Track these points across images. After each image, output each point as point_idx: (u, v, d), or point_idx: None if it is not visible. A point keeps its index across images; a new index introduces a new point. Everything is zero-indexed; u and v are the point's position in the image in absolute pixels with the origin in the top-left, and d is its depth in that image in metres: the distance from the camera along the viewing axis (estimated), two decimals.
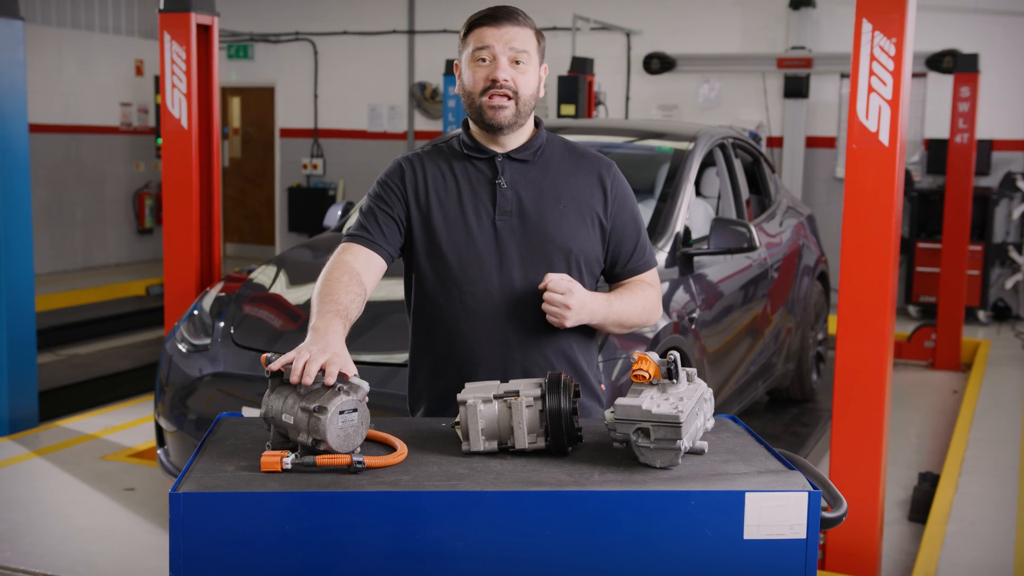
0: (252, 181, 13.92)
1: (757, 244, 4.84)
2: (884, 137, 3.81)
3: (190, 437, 4.33)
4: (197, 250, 5.63)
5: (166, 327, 5.54)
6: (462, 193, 2.51)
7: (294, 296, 4.69)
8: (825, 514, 1.96)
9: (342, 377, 2.03)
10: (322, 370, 2.01)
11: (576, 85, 8.81)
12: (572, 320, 2.39)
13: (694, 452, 2.08)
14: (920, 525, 4.86)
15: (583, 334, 2.57)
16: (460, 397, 2.10)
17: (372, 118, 12.94)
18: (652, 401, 2.00)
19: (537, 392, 2.08)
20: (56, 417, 6.32)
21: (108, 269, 12.44)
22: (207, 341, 4.53)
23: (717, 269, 5.16)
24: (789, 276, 6.18)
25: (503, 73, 2.42)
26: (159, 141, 12.34)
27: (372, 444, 2.12)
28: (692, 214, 5.22)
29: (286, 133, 13.47)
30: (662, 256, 4.71)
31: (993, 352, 8.42)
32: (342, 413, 1.96)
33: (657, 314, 2.62)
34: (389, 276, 2.56)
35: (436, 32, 12.30)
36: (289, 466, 1.94)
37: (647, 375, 2.07)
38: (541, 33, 2.52)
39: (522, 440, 2.06)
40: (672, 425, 1.95)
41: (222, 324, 4.56)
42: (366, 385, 2.04)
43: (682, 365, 2.11)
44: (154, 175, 12.99)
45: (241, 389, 4.30)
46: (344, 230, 3.86)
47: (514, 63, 2.44)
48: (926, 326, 8.30)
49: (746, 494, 1.87)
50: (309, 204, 12.95)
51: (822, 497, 1.94)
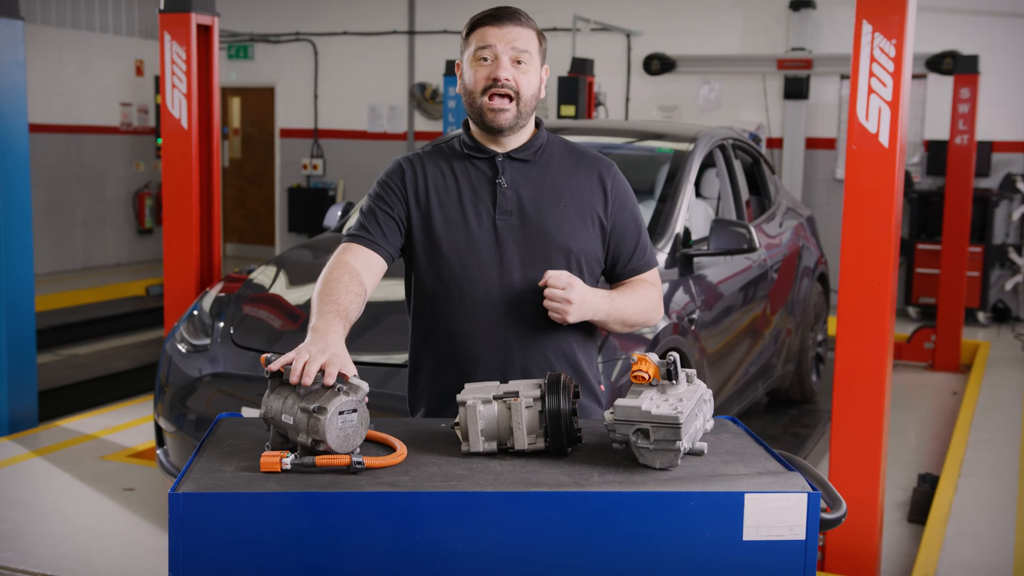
0: (252, 181, 13.91)
1: (757, 245, 4.84)
2: (884, 138, 3.81)
3: (189, 437, 4.33)
4: (197, 250, 5.63)
5: (166, 327, 5.54)
6: (462, 193, 2.51)
7: (294, 296, 4.69)
8: (824, 515, 1.96)
9: (342, 378, 2.03)
10: (322, 371, 2.01)
11: (576, 86, 8.81)
12: (575, 315, 2.38)
13: (694, 453, 2.08)
14: (919, 526, 4.86)
15: (583, 334, 2.57)
16: (459, 398, 2.10)
17: (372, 118, 12.94)
18: (652, 402, 2.00)
19: (536, 393, 2.08)
20: (56, 417, 6.32)
21: (108, 269, 12.44)
22: (207, 341, 4.53)
23: (717, 270, 5.16)
24: (789, 277, 6.18)
25: (505, 72, 2.43)
26: (159, 141, 12.34)
27: (371, 445, 2.12)
28: (692, 215, 5.22)
29: (286, 133, 13.48)
30: (662, 257, 4.71)
31: (993, 353, 8.42)
32: (341, 414, 1.96)
33: (659, 313, 2.61)
34: (389, 276, 2.56)
35: (436, 33, 12.30)
36: (288, 466, 1.94)
37: (647, 376, 2.07)
38: (543, 34, 2.53)
39: (521, 441, 2.06)
40: (672, 426, 1.95)
41: (222, 324, 4.57)
42: (366, 386, 2.04)
43: (682, 366, 2.11)
44: (154, 175, 12.99)
45: (241, 389, 4.30)
46: (344, 230, 3.86)
47: (516, 63, 2.44)
48: (926, 327, 8.30)
49: (745, 495, 1.87)
50: (309, 204, 12.95)
51: (821, 498, 1.94)
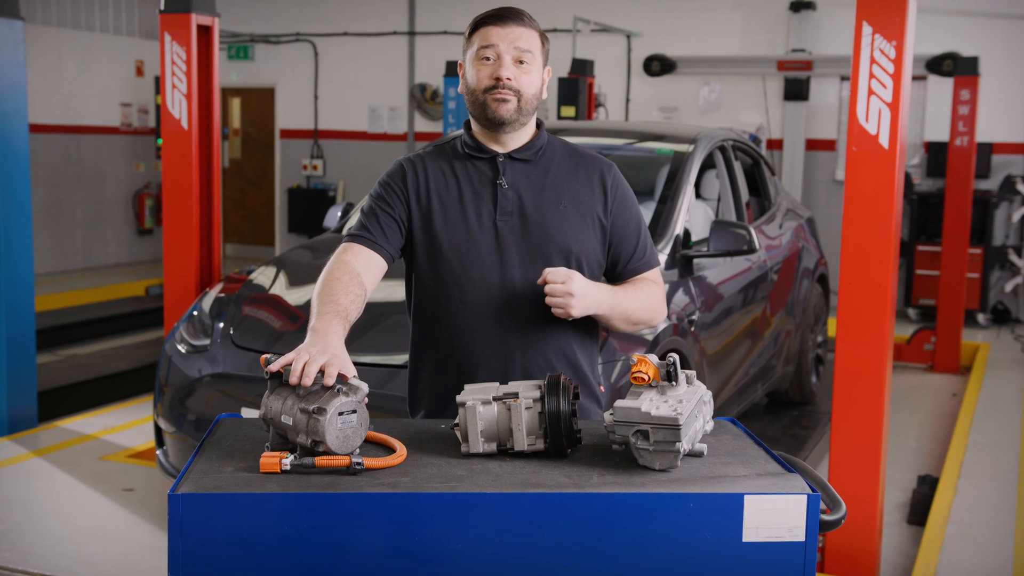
0: (252, 182, 13.91)
1: (757, 246, 4.85)
2: (884, 140, 3.81)
3: (189, 438, 4.33)
4: (197, 251, 5.63)
5: (165, 328, 5.54)
6: (463, 193, 2.51)
7: (294, 297, 4.69)
8: (824, 517, 1.96)
9: (341, 378, 2.03)
10: (321, 371, 2.01)
11: (576, 87, 8.82)
12: (578, 308, 2.36)
13: (693, 454, 2.08)
14: (919, 528, 4.86)
15: (584, 335, 2.57)
16: (459, 399, 2.10)
17: (372, 119, 12.94)
18: (651, 403, 2.00)
19: (536, 394, 2.08)
20: (55, 417, 6.32)
21: (108, 269, 12.43)
22: (206, 342, 4.53)
23: (717, 271, 5.16)
24: (789, 278, 6.18)
25: (507, 72, 2.43)
26: (159, 141, 12.34)
27: (371, 445, 2.12)
28: (692, 216, 5.22)
29: (286, 134, 13.48)
30: (662, 258, 4.71)
31: (992, 355, 8.41)
32: (341, 414, 1.96)
33: (662, 312, 2.60)
34: (389, 277, 2.56)
35: (436, 33, 12.29)
36: (288, 467, 1.93)
37: (646, 377, 2.07)
38: (545, 36, 2.54)
39: (521, 442, 2.06)
40: (671, 427, 1.95)
41: (221, 325, 4.57)
42: (365, 386, 2.04)
43: (681, 367, 2.10)
44: (154, 175, 12.99)
45: (240, 390, 4.30)
46: (345, 230, 3.86)
47: (518, 63, 2.45)
48: (926, 329, 8.30)
49: (745, 496, 1.87)
50: (309, 205, 12.95)
51: (821, 500, 1.94)
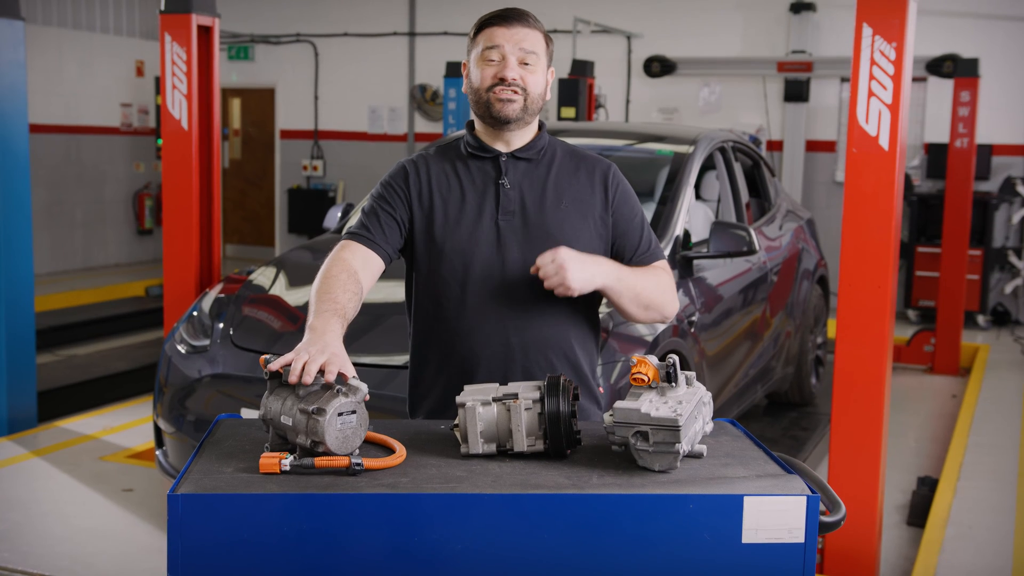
0: (252, 182, 13.91)
1: (756, 248, 4.85)
2: (884, 141, 3.81)
3: (189, 438, 4.32)
4: (197, 251, 5.63)
5: (165, 328, 5.54)
6: (465, 193, 2.51)
7: (293, 298, 4.69)
8: (824, 518, 1.96)
9: (341, 378, 2.03)
10: (321, 371, 2.01)
11: (576, 88, 8.82)
12: (576, 277, 2.33)
13: (693, 456, 2.08)
14: (919, 529, 4.86)
15: (585, 336, 2.57)
16: (459, 399, 2.10)
17: (372, 120, 12.94)
18: (651, 404, 2.00)
19: (536, 395, 2.08)
20: (55, 417, 6.32)
21: (108, 269, 12.43)
22: (206, 342, 4.53)
23: (716, 272, 5.16)
24: (788, 280, 6.18)
25: (511, 72, 2.44)
26: (159, 142, 12.34)
27: (371, 446, 2.12)
28: (692, 217, 5.22)
29: (286, 134, 13.47)
30: None
31: (992, 356, 8.41)
32: (341, 415, 1.96)
33: (674, 300, 2.55)
34: (388, 278, 2.56)
35: (437, 34, 12.29)
36: (288, 468, 1.93)
37: (646, 378, 2.06)
38: (550, 37, 2.55)
39: (521, 443, 2.06)
40: (671, 428, 1.95)
41: (221, 325, 4.56)
42: (365, 387, 2.04)
43: (681, 368, 2.10)
44: (154, 176, 12.99)
45: (240, 390, 4.30)
46: (345, 230, 3.85)
47: (523, 64, 2.46)
48: (925, 330, 8.30)
49: (744, 498, 1.87)
50: (309, 205, 12.95)
51: (820, 501, 1.94)
